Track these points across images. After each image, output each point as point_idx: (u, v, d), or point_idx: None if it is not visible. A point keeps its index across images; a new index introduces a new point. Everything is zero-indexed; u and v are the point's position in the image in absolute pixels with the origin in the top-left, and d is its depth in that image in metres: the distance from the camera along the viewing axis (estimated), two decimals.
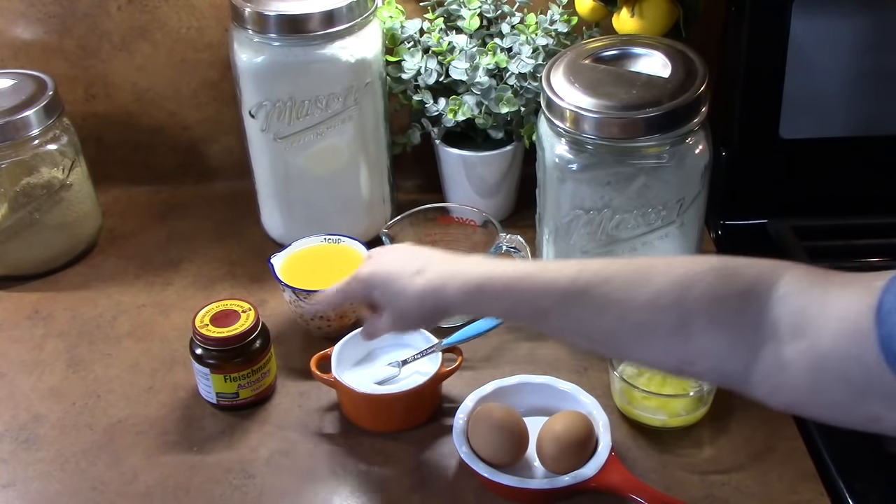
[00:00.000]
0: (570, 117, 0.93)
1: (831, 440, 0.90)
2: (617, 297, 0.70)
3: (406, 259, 0.82)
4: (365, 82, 1.09)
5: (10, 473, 0.91)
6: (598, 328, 0.72)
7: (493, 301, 0.76)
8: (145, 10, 1.21)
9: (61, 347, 1.06)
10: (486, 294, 0.76)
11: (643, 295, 0.68)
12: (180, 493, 0.88)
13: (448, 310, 0.79)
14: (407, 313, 0.81)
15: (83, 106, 1.26)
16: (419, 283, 0.79)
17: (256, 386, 0.96)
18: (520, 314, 0.77)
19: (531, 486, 0.84)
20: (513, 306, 0.76)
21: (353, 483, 0.89)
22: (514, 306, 0.75)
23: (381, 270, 0.82)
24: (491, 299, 0.76)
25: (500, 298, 0.76)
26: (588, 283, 0.71)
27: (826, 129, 1.17)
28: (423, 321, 0.83)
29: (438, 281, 0.78)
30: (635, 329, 0.69)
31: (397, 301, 0.81)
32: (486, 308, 0.80)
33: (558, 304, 0.72)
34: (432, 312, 0.80)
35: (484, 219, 1.07)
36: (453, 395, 0.97)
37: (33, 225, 1.14)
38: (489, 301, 0.77)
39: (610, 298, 0.70)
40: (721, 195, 1.15)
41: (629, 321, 0.69)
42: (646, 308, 0.68)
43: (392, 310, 0.82)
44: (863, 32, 1.13)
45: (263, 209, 1.20)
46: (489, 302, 0.77)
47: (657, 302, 0.68)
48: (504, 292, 0.75)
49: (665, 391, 0.93)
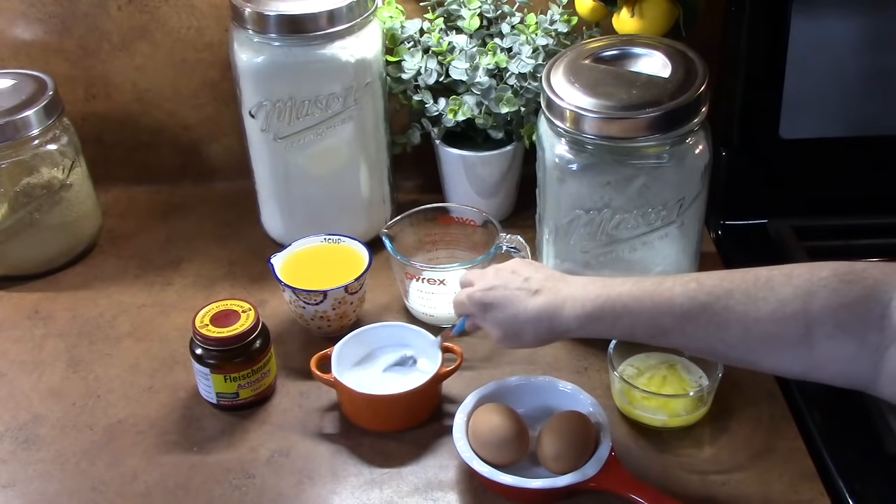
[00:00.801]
0: (570, 117, 0.93)
1: (831, 440, 0.90)
2: (740, 311, 0.70)
3: (519, 279, 0.83)
4: (365, 82, 1.09)
5: (10, 473, 0.91)
6: (721, 342, 0.72)
7: (611, 323, 0.77)
8: (145, 10, 1.21)
9: (61, 347, 1.06)
10: (605, 317, 0.77)
11: (767, 305, 0.69)
12: (180, 493, 0.88)
13: (564, 333, 0.80)
14: (521, 335, 0.82)
15: (83, 106, 1.26)
16: (535, 306, 0.80)
17: (256, 386, 0.96)
18: (638, 334, 0.77)
19: (531, 486, 0.84)
20: (631, 327, 0.76)
21: (353, 483, 0.89)
22: (632, 327, 0.76)
23: (496, 292, 0.83)
24: (609, 322, 0.77)
25: (618, 320, 0.76)
26: (709, 297, 0.71)
27: (826, 129, 1.17)
28: (536, 343, 0.83)
29: (555, 304, 0.79)
30: (761, 340, 0.70)
31: (512, 324, 0.81)
32: (603, 330, 0.79)
33: (679, 321, 0.72)
34: (547, 334, 0.81)
35: (484, 219, 1.07)
36: (453, 395, 0.97)
37: (33, 225, 1.14)
38: (607, 323, 0.77)
39: (733, 312, 0.70)
40: (721, 195, 1.15)
41: (754, 333, 0.70)
42: (770, 319, 0.69)
43: (507, 330, 0.83)
44: (863, 32, 1.13)
45: (263, 209, 1.20)
46: (607, 324, 0.77)
47: (782, 311, 0.68)
48: (623, 314, 0.76)
49: (665, 391, 0.93)
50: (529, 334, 0.82)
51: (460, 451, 0.86)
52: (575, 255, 1.00)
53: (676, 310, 0.73)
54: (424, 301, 1.05)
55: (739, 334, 0.71)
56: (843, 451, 0.89)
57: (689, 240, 1.01)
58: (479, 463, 0.85)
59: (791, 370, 0.72)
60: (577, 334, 0.81)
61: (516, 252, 1.03)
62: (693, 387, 0.94)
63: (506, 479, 0.84)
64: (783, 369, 0.73)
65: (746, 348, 0.71)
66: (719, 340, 0.72)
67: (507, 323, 0.83)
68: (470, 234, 1.09)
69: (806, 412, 0.94)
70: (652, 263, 0.99)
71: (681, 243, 1.00)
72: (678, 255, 1.01)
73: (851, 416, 0.92)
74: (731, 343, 0.72)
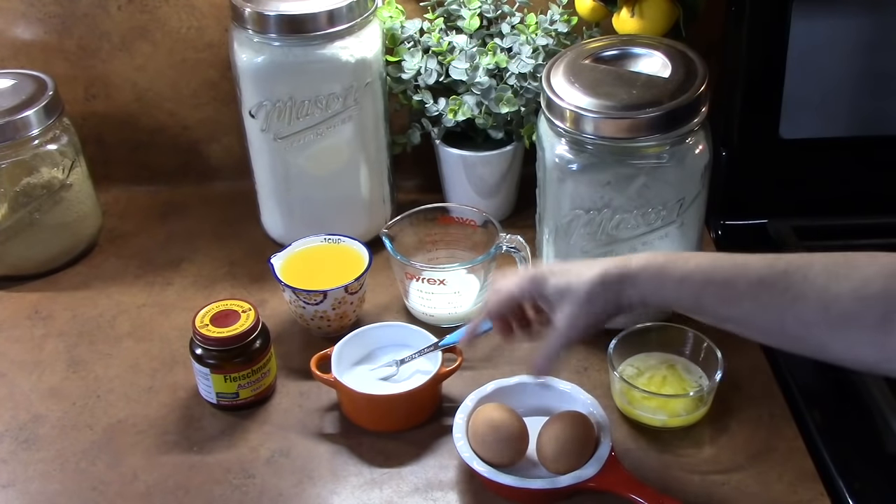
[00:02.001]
0: (570, 117, 0.93)
1: (831, 440, 0.90)
2: (820, 284, 0.66)
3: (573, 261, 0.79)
4: (365, 82, 1.09)
5: (10, 473, 0.91)
6: (795, 317, 0.68)
7: (678, 284, 0.72)
8: (145, 10, 1.21)
9: (61, 347, 1.06)
10: (671, 275, 0.72)
11: (849, 282, 0.65)
12: (180, 493, 0.88)
13: (629, 294, 0.74)
14: (585, 302, 0.76)
15: (83, 106, 1.26)
16: (600, 266, 0.75)
17: (256, 386, 0.96)
18: (706, 301, 0.72)
19: (531, 486, 0.84)
20: (699, 291, 0.71)
21: (353, 483, 0.89)
22: (701, 291, 0.71)
23: (552, 266, 0.78)
24: (675, 282, 0.72)
25: (685, 281, 0.71)
26: (789, 266, 0.67)
27: (826, 129, 1.17)
28: (601, 310, 0.77)
29: (621, 261, 0.74)
30: (837, 320, 0.66)
31: (576, 290, 0.76)
32: (669, 293, 0.73)
33: (753, 288, 0.68)
34: (615, 297, 0.75)
35: (484, 219, 1.07)
36: (453, 395, 0.97)
37: (33, 225, 1.14)
38: (674, 284, 0.72)
39: (813, 285, 0.66)
40: (721, 195, 1.15)
41: (832, 311, 0.66)
42: (851, 297, 0.65)
43: (568, 303, 0.77)
44: (863, 32, 1.13)
45: (263, 209, 1.20)
46: (673, 286, 0.72)
47: (864, 291, 0.65)
48: (694, 270, 0.71)
49: (665, 391, 0.93)
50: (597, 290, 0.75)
51: (460, 451, 0.86)
52: (575, 256, 1.00)
53: (753, 274, 0.69)
54: (424, 301, 1.05)
55: (816, 310, 0.66)
56: (843, 451, 0.89)
57: (689, 240, 1.01)
58: (479, 463, 0.85)
59: (861, 358, 0.67)
60: (642, 290, 0.74)
61: (516, 252, 1.03)
62: (693, 387, 0.94)
63: (506, 479, 0.84)
64: (852, 357, 0.68)
65: (821, 327, 0.67)
66: (793, 315, 0.68)
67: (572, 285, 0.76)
68: (470, 234, 1.09)
69: (806, 412, 0.94)
70: None
71: (681, 243, 1.00)
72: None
73: (851, 416, 0.92)
74: (805, 319, 0.67)
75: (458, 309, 1.05)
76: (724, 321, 0.73)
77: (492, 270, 1.06)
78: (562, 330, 0.79)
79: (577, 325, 0.79)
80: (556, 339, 0.80)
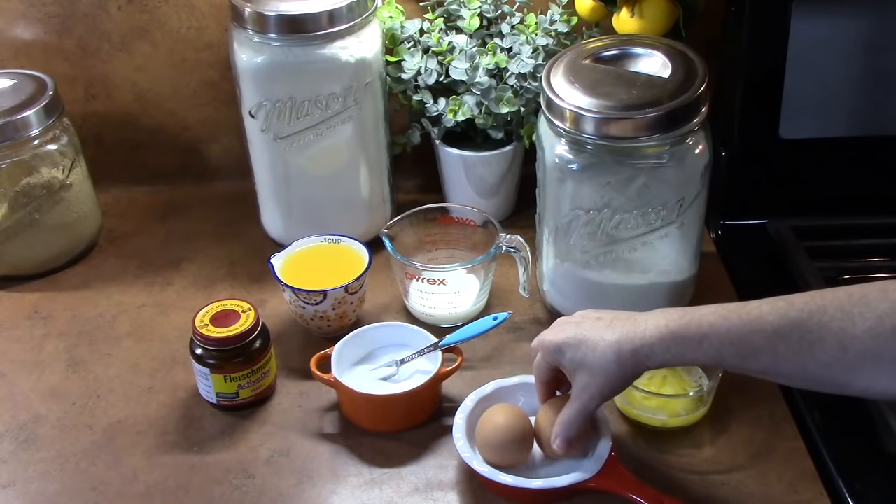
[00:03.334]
0: (570, 117, 0.93)
1: (831, 440, 0.90)
2: (836, 327, 0.67)
3: (591, 319, 0.81)
4: (365, 82, 1.09)
5: (10, 473, 0.91)
6: (815, 361, 0.69)
7: (696, 343, 0.74)
8: (145, 10, 1.21)
9: (61, 347, 1.06)
10: (690, 336, 0.74)
11: (864, 322, 0.67)
12: (180, 493, 0.88)
13: (647, 358, 0.77)
14: (602, 370, 0.78)
15: (83, 106, 1.26)
16: (615, 334, 0.77)
17: (256, 386, 0.96)
18: (725, 356, 0.73)
19: (531, 486, 0.84)
20: (718, 348, 0.73)
21: (353, 483, 0.89)
22: (719, 348, 0.73)
23: (568, 331, 0.80)
24: (694, 342, 0.74)
25: (704, 339, 0.73)
26: (801, 314, 0.69)
27: (826, 129, 1.17)
28: (620, 376, 0.79)
29: (635, 328, 0.76)
30: (857, 358, 0.67)
31: (592, 358, 0.78)
32: (687, 351, 0.75)
33: (770, 340, 0.70)
34: (632, 370, 0.78)
35: (484, 219, 1.07)
36: (453, 395, 0.97)
37: (33, 225, 1.14)
38: (693, 343, 0.74)
39: (828, 329, 0.68)
40: (721, 195, 1.15)
41: (851, 351, 0.67)
42: (868, 335, 0.66)
43: (586, 372, 0.79)
44: (863, 32, 1.13)
45: (263, 209, 1.20)
46: (693, 344, 0.74)
47: (881, 327, 0.66)
48: (709, 332, 0.73)
49: (665, 391, 0.93)
50: (612, 366, 0.78)
51: (460, 451, 0.86)
52: (575, 255, 1.00)
53: (767, 327, 0.70)
54: (424, 301, 1.05)
55: (835, 352, 0.68)
56: (843, 451, 0.89)
57: (689, 240, 1.01)
58: (480, 463, 0.85)
59: (888, 390, 0.68)
60: (660, 360, 0.77)
61: (516, 252, 1.03)
62: (693, 387, 0.94)
63: (506, 479, 0.84)
64: (879, 390, 0.69)
65: (842, 367, 0.68)
66: (813, 359, 0.69)
67: (587, 358, 0.79)
68: (470, 234, 1.09)
69: (806, 412, 0.94)
70: (652, 263, 1.00)
71: (681, 243, 1.00)
72: (678, 255, 1.01)
73: (851, 416, 0.92)
74: (825, 362, 0.69)
75: (458, 309, 1.05)
76: (747, 372, 0.75)
77: (492, 270, 1.06)
78: (581, 402, 0.81)
79: (595, 397, 0.81)
80: (574, 411, 0.82)
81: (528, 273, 1.05)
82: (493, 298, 1.10)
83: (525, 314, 1.08)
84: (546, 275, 1.06)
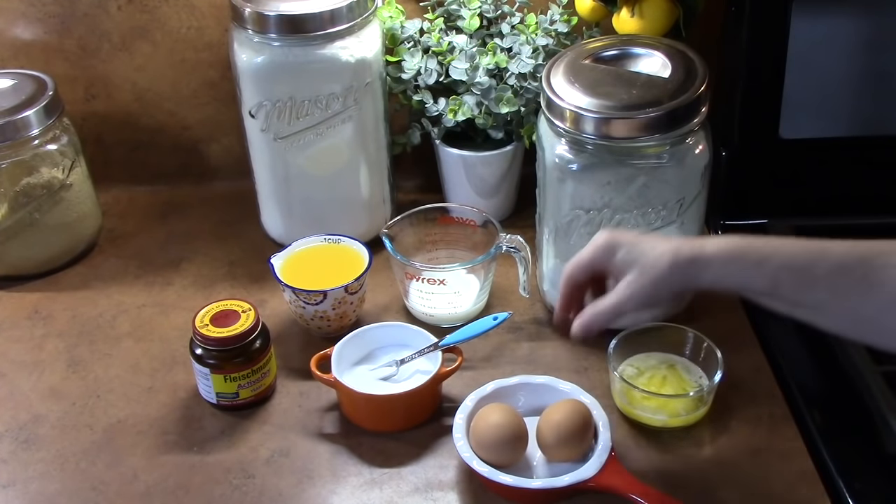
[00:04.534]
0: (570, 117, 0.93)
1: (831, 440, 0.90)
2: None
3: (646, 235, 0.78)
4: (365, 82, 1.09)
5: (10, 473, 0.91)
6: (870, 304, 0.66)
7: (755, 264, 0.71)
8: (145, 10, 1.21)
9: (61, 347, 1.06)
10: (750, 255, 0.71)
11: None
12: (180, 493, 0.88)
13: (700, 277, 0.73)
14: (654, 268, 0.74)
15: (83, 106, 1.26)
16: (675, 241, 0.74)
17: (256, 386, 0.96)
18: (783, 283, 0.70)
19: (531, 486, 0.84)
20: (776, 272, 0.70)
21: (353, 483, 0.89)
22: (777, 272, 0.70)
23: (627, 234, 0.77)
24: (753, 261, 0.71)
25: (764, 262, 0.70)
26: (868, 251, 0.66)
27: (826, 129, 1.17)
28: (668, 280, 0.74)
29: (693, 244, 0.73)
30: None
31: (647, 257, 0.75)
32: (745, 272, 0.72)
33: (831, 272, 0.67)
34: (682, 279, 0.74)
35: (484, 219, 1.07)
36: (453, 395, 0.97)
37: (33, 225, 1.14)
38: (751, 263, 0.71)
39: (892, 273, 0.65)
40: (721, 195, 1.15)
41: None
42: None
43: (635, 273, 0.75)
44: (863, 32, 1.13)
45: (263, 209, 1.20)
46: (750, 265, 0.71)
47: None
48: (770, 254, 0.70)
49: (665, 391, 0.93)
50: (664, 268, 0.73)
51: (460, 451, 0.86)
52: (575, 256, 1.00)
53: (831, 258, 0.67)
54: (424, 301, 1.05)
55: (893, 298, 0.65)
56: (843, 451, 0.89)
57: None
58: (479, 463, 0.85)
59: None
60: (715, 275, 0.73)
61: (516, 252, 1.03)
62: (693, 387, 0.94)
63: (506, 479, 0.84)
64: None
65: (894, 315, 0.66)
66: (872, 302, 0.66)
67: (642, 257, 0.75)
68: (470, 234, 1.09)
69: (806, 412, 0.94)
70: None
71: None
72: None
73: (851, 416, 0.93)
74: (881, 304, 0.66)
75: (458, 309, 1.05)
76: (798, 306, 0.72)
77: (492, 270, 1.06)
78: (620, 296, 0.77)
79: (636, 298, 0.77)
80: (612, 304, 0.78)
81: (528, 273, 1.05)
82: (493, 298, 1.10)
83: (525, 314, 1.08)
84: (546, 275, 1.06)
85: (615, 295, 0.78)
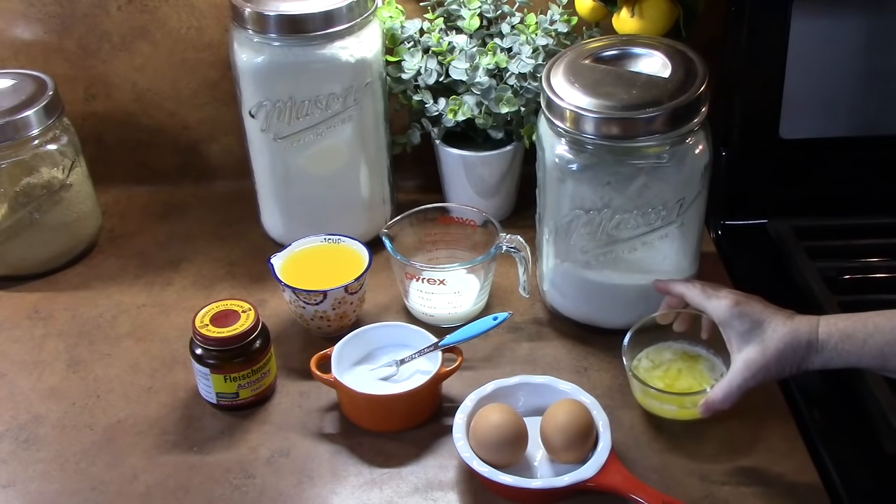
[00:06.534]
0: (570, 117, 0.93)
1: (831, 440, 0.90)
2: None
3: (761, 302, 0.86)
4: (365, 82, 1.09)
5: (10, 473, 0.91)
6: None
7: (863, 341, 0.78)
8: (145, 10, 1.21)
9: (61, 347, 1.06)
10: (857, 333, 0.78)
11: None
12: (180, 493, 0.88)
13: (816, 353, 0.80)
14: (776, 351, 0.82)
15: (83, 106, 1.26)
16: (792, 322, 0.81)
17: (256, 386, 0.96)
18: (889, 355, 0.78)
19: (531, 486, 0.84)
20: (882, 347, 0.77)
21: (353, 483, 0.89)
22: (883, 347, 0.77)
23: (750, 307, 0.84)
24: (861, 339, 0.78)
25: (870, 337, 0.78)
26: None
27: (826, 129, 1.17)
28: (785, 363, 0.82)
29: (810, 321, 0.80)
30: None
31: (768, 338, 0.82)
32: (853, 349, 0.79)
33: None
34: (799, 361, 0.81)
35: (484, 219, 1.07)
36: (453, 395, 0.97)
37: (33, 225, 1.14)
38: (859, 341, 0.78)
39: None
40: (721, 195, 1.15)
41: None
42: None
43: (758, 349, 0.83)
44: (863, 32, 1.13)
45: (263, 209, 1.20)
46: (859, 342, 0.78)
47: None
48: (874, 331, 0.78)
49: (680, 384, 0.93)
50: (786, 352, 0.81)
51: (460, 451, 0.86)
52: (575, 255, 1.00)
53: None
54: (424, 301, 1.05)
55: None
56: (843, 451, 0.89)
57: (689, 240, 1.01)
58: (479, 463, 0.85)
59: None
60: (827, 357, 0.80)
61: (516, 252, 1.03)
62: (710, 382, 0.93)
63: (506, 479, 0.84)
64: None
65: None
66: None
67: (763, 337, 0.83)
68: (470, 234, 1.09)
69: (806, 412, 0.94)
70: (652, 263, 0.99)
71: (681, 243, 1.00)
72: (678, 255, 1.01)
73: (851, 416, 0.92)
74: None
75: (458, 309, 1.05)
76: None
77: (492, 270, 1.06)
78: (744, 376, 0.84)
79: (758, 375, 0.84)
80: (738, 385, 0.85)
81: (528, 273, 1.05)
82: (493, 298, 1.10)
83: (525, 314, 1.08)
84: (546, 275, 1.06)
85: (738, 376, 0.84)
